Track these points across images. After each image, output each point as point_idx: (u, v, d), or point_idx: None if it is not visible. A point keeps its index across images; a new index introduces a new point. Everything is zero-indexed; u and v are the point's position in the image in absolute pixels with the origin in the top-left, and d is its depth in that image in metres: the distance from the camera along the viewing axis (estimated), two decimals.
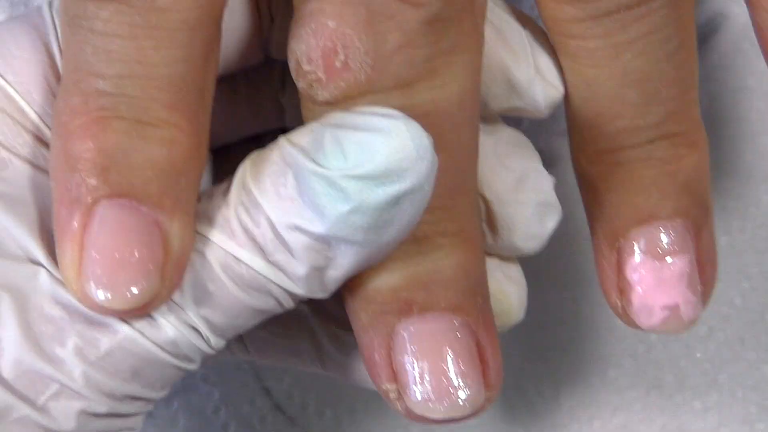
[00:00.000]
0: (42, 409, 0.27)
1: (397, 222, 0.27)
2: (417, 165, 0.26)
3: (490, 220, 0.32)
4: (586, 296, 0.42)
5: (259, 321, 0.28)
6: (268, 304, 0.28)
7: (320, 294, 0.28)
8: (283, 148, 0.27)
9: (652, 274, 0.33)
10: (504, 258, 0.33)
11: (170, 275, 0.26)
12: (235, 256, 0.27)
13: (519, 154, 0.32)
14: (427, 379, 0.29)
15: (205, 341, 0.28)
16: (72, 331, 0.27)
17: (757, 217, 0.42)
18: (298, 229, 0.27)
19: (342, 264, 0.27)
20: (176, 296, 0.27)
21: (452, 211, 0.28)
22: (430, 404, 0.29)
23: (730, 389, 0.41)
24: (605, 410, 0.41)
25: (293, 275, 0.27)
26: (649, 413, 0.41)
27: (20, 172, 0.29)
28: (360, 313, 0.29)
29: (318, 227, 0.26)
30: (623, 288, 0.34)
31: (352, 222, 0.26)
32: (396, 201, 0.27)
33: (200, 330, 0.28)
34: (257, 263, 0.27)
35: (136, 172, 0.26)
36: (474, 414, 0.29)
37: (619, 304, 0.34)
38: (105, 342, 0.27)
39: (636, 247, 0.33)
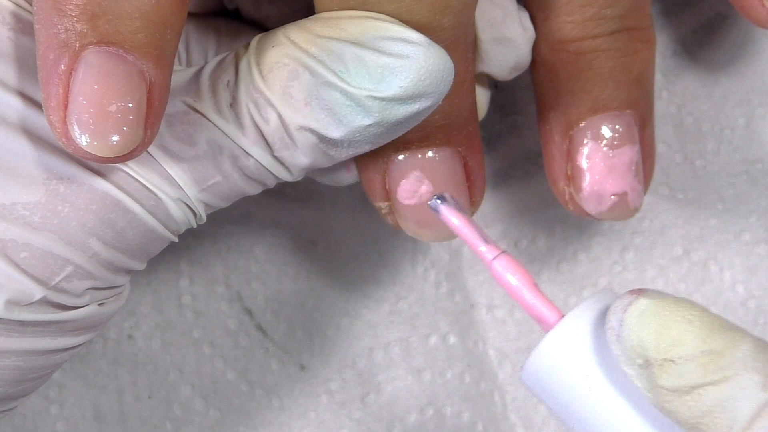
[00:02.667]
0: (54, 289, 0.28)
1: (407, 128, 0.29)
2: (439, 87, 0.28)
3: (479, 55, 0.34)
4: (555, 212, 0.42)
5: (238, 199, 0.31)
6: (257, 190, 0.30)
7: (301, 177, 0.30)
8: (292, 51, 0.28)
9: (603, 162, 0.35)
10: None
11: (151, 125, 0.27)
12: (246, 151, 0.29)
13: None
14: (415, 201, 0.32)
15: (197, 219, 0.30)
16: (88, 211, 0.28)
17: (733, 140, 0.42)
18: (309, 130, 0.28)
19: (340, 158, 0.30)
20: (183, 181, 0.29)
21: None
22: (417, 223, 0.33)
23: None
24: None
25: (294, 168, 0.30)
26: None
27: None
28: None
29: (333, 133, 0.28)
30: (573, 175, 0.36)
31: (368, 132, 0.29)
32: (414, 115, 0.29)
33: (196, 210, 0.30)
34: (265, 158, 0.29)
35: (125, 20, 0.26)
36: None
37: (567, 191, 0.36)
38: (119, 222, 0.29)
39: (589, 136, 0.35)
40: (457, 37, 0.30)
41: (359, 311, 0.42)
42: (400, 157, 0.32)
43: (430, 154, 0.32)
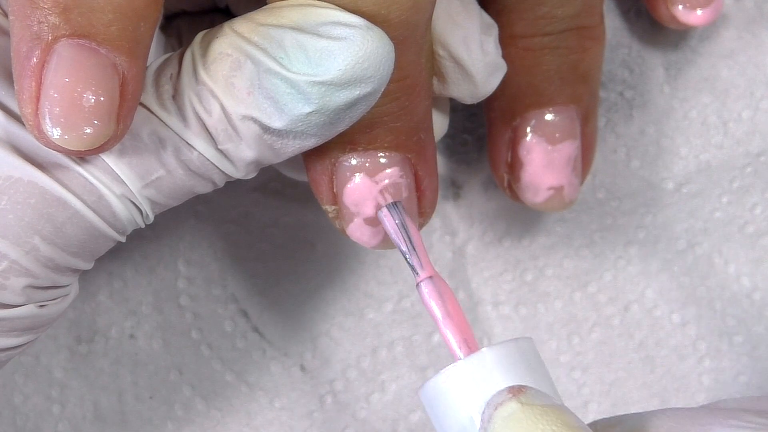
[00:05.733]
0: None
1: (350, 118, 0.30)
2: (379, 72, 0.29)
3: (440, 73, 0.34)
4: (563, 215, 0.44)
5: (188, 199, 0.31)
6: (206, 188, 0.31)
7: (252, 174, 0.31)
8: (235, 41, 0.29)
9: (543, 155, 0.37)
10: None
11: (124, 118, 0.28)
12: (189, 144, 0.29)
13: (467, 12, 0.34)
14: (362, 207, 0.32)
15: (143, 218, 0.30)
16: (27, 205, 0.29)
17: (736, 133, 0.44)
18: (252, 120, 0.29)
19: (287, 153, 0.30)
20: (125, 176, 0.29)
21: (399, 60, 0.30)
22: (364, 233, 0.33)
23: (708, 302, 0.43)
24: (584, 326, 0.43)
25: (239, 162, 0.30)
26: (628, 328, 0.43)
27: None
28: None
29: (276, 122, 0.29)
30: (513, 164, 0.38)
31: (309, 121, 0.29)
32: (355, 102, 0.29)
33: (142, 208, 0.30)
34: (209, 151, 0.30)
35: (97, 13, 0.27)
36: None
37: (506, 177, 0.38)
38: (59, 217, 0.29)
39: (531, 128, 0.37)
40: (406, 37, 0.30)
41: (362, 311, 0.43)
42: (346, 158, 0.32)
43: (377, 157, 0.32)
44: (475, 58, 0.34)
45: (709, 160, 0.44)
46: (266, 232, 0.43)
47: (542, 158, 0.37)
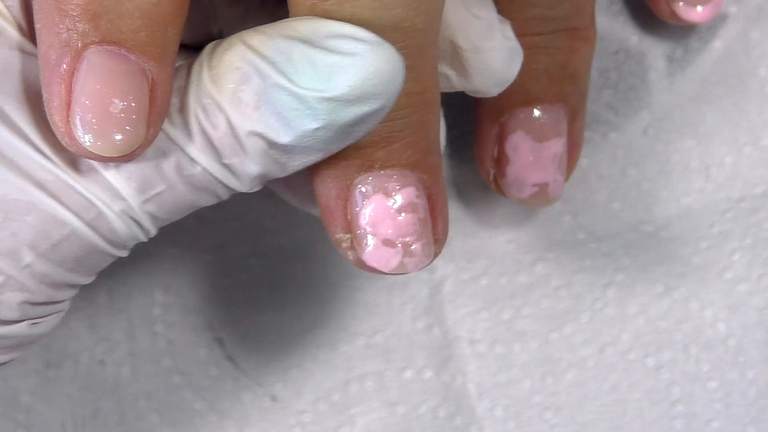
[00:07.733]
0: None
1: (357, 133, 0.30)
2: (388, 88, 0.29)
3: (462, 67, 0.34)
4: (537, 248, 0.44)
5: (191, 212, 0.31)
6: (208, 202, 0.31)
7: (257, 188, 0.31)
8: (244, 53, 0.29)
9: (529, 152, 0.38)
10: None
11: (154, 123, 0.28)
12: (191, 158, 0.30)
13: (483, 4, 0.35)
14: (379, 228, 0.31)
15: (144, 233, 0.31)
16: (23, 222, 0.29)
17: (718, 179, 0.44)
18: (258, 135, 0.29)
19: (293, 167, 0.30)
20: (125, 191, 0.29)
21: (417, 72, 0.30)
22: (382, 257, 0.32)
23: (683, 347, 0.44)
24: (558, 367, 0.44)
25: (244, 177, 0.30)
26: (602, 370, 0.43)
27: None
28: (320, 164, 0.31)
29: (282, 138, 0.29)
30: (499, 159, 0.39)
31: (317, 137, 0.29)
32: (363, 118, 0.29)
33: (142, 223, 0.30)
34: (213, 166, 0.30)
35: (126, 19, 0.28)
36: (426, 265, 0.32)
37: (492, 172, 0.39)
38: (55, 233, 0.29)
39: (518, 125, 0.38)
40: (426, 45, 0.30)
41: (335, 343, 0.44)
42: (361, 181, 0.31)
43: (392, 178, 0.31)
44: (498, 45, 0.34)
45: (690, 204, 0.44)
46: (244, 262, 0.44)
47: (528, 155, 0.38)
